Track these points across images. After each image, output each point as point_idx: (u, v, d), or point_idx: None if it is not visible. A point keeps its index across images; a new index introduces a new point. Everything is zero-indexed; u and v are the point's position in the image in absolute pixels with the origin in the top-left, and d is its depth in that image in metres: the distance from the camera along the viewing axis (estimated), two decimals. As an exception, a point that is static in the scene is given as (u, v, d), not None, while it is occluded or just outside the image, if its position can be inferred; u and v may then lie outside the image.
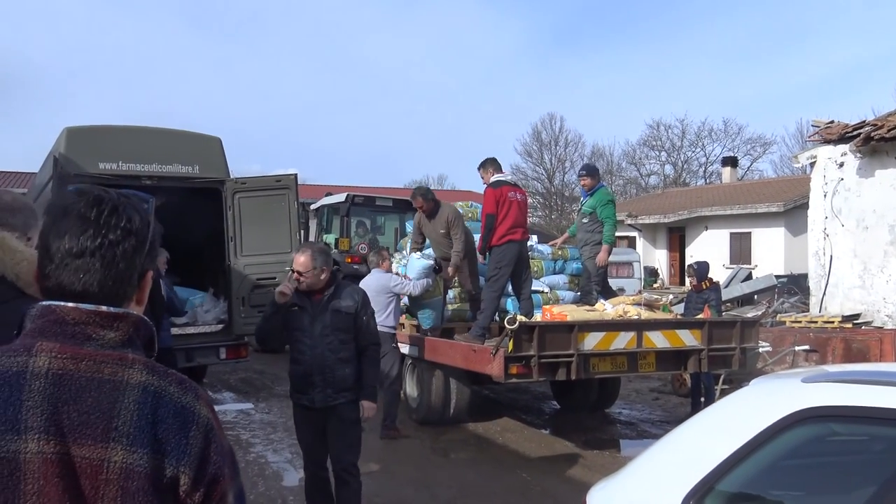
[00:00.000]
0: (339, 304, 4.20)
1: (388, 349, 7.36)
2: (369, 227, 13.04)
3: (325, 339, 4.15)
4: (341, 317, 4.18)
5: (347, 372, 4.21)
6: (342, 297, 4.22)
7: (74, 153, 8.11)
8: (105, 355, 1.18)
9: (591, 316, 6.77)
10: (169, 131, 8.98)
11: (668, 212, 27.71)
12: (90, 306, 1.20)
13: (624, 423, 8.46)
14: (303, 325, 4.18)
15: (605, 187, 8.34)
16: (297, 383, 4.28)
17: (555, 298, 8.38)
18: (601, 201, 7.94)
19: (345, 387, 4.20)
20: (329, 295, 4.19)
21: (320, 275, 4.15)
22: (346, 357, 4.21)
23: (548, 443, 7.39)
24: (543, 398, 9.66)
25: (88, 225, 1.21)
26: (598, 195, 8.02)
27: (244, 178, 9.01)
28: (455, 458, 6.86)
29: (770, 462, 2.03)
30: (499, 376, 6.29)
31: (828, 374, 2.20)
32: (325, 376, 4.15)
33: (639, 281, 22.48)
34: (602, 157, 49.14)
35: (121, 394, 1.15)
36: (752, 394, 2.21)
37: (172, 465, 1.16)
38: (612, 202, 8.03)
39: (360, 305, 4.27)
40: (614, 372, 6.79)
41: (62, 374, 1.14)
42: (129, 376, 1.17)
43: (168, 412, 1.18)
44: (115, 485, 1.12)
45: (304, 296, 4.18)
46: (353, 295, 4.29)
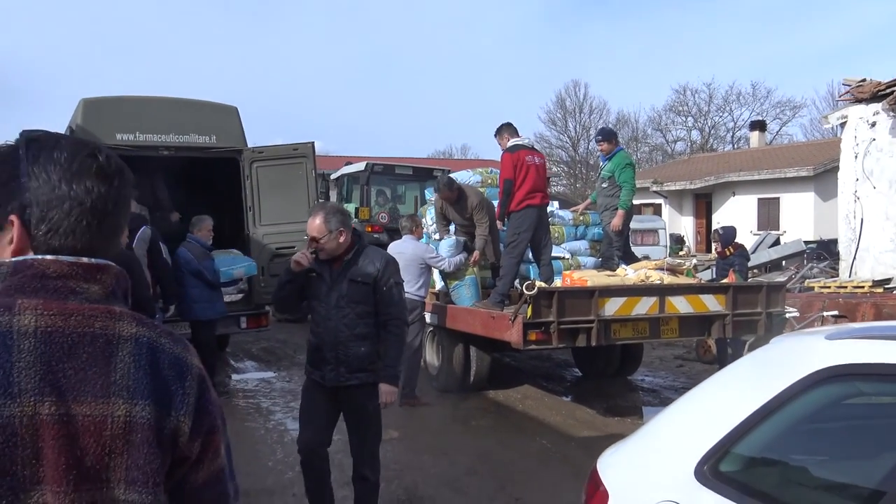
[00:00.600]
0: (358, 271, 3.72)
1: (416, 318, 7.32)
2: (389, 195, 12.97)
3: (340, 311, 3.70)
4: (359, 287, 3.71)
5: (363, 350, 3.74)
6: (362, 264, 3.74)
7: (91, 124, 8.09)
8: (93, 309, 1.13)
9: (612, 281, 6.64)
10: (186, 101, 8.91)
11: (695, 178, 27.25)
12: (71, 258, 1.14)
13: (647, 391, 8.35)
14: (319, 293, 3.77)
15: (624, 151, 8.15)
16: (311, 357, 3.89)
17: (576, 264, 8.25)
18: (619, 165, 7.78)
19: (360, 367, 3.74)
20: (348, 261, 3.74)
21: (338, 238, 3.67)
22: (363, 333, 3.74)
23: (569, 410, 7.31)
24: (565, 365, 9.57)
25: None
26: (617, 159, 7.85)
27: (261, 147, 8.94)
28: (475, 425, 6.82)
29: (791, 424, 1.92)
30: (518, 343, 6.21)
31: (853, 331, 2.08)
32: (338, 353, 3.72)
33: (664, 248, 22.20)
34: (627, 124, 48.56)
35: (115, 347, 1.12)
36: (773, 352, 2.10)
37: (173, 415, 1.14)
38: (630, 165, 7.85)
39: (383, 272, 3.74)
40: (636, 338, 6.67)
41: (52, 332, 1.08)
42: (120, 329, 1.13)
43: (164, 363, 1.16)
44: (121, 439, 1.09)
45: (323, 263, 3.75)
46: (374, 261, 3.77)
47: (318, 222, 3.64)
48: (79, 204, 1.14)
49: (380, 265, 3.77)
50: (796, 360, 1.91)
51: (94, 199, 1.15)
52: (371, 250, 3.86)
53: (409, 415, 7.06)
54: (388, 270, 3.79)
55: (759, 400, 1.89)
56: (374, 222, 11.71)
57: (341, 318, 3.71)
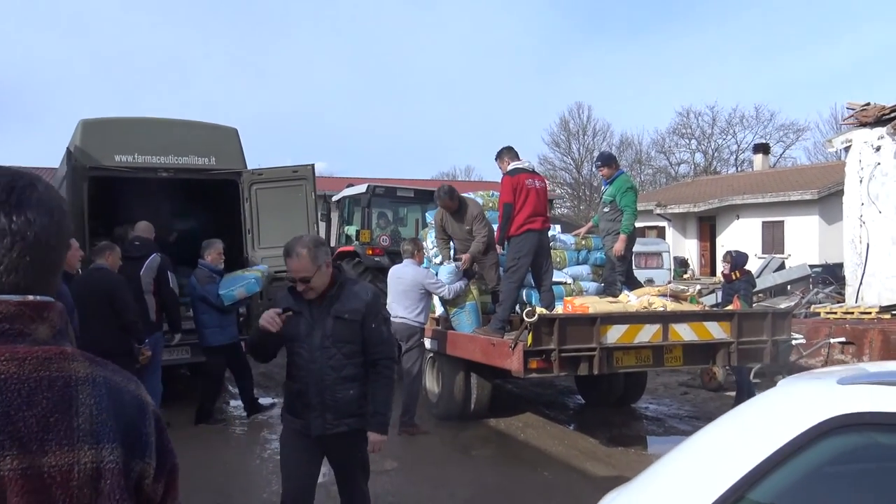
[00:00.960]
0: (343, 307, 3.37)
1: (415, 344, 7.21)
2: (391, 218, 12.87)
3: (325, 352, 3.34)
4: (345, 324, 3.38)
5: (352, 394, 3.40)
6: (346, 300, 3.40)
7: (90, 146, 8.06)
8: (45, 351, 1.05)
9: (615, 308, 6.52)
10: (185, 122, 8.88)
11: (699, 200, 27.16)
12: (17, 297, 1.06)
13: (651, 419, 8.19)
14: (299, 333, 3.38)
15: (625, 174, 8.07)
16: (291, 404, 3.48)
17: (578, 290, 8.13)
18: (620, 189, 7.69)
19: (349, 411, 3.40)
20: (331, 296, 3.39)
21: (326, 271, 3.38)
22: (351, 374, 3.40)
23: (571, 439, 7.15)
24: (568, 392, 9.42)
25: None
26: (618, 183, 7.77)
27: (261, 170, 8.89)
28: (475, 455, 6.67)
29: (805, 472, 1.79)
30: (518, 371, 6.08)
31: (867, 375, 1.95)
32: (325, 398, 3.35)
33: (668, 271, 22.08)
34: (631, 147, 48.67)
35: (74, 390, 1.05)
36: (782, 395, 1.98)
37: (139, 456, 1.10)
38: (631, 189, 7.76)
39: (369, 308, 3.42)
40: (639, 366, 6.53)
41: (6, 379, 1.00)
42: (76, 370, 1.07)
43: (123, 403, 1.10)
44: (89, 487, 1.03)
45: (301, 298, 3.38)
46: (360, 295, 3.45)
47: (306, 259, 3.28)
48: (21, 238, 1.06)
49: (366, 298, 3.45)
50: (808, 405, 1.79)
51: (36, 231, 1.06)
52: (354, 283, 3.59)
53: (407, 443, 6.92)
54: (376, 305, 3.51)
55: (773, 446, 1.77)
56: (375, 245, 11.57)
57: (327, 360, 3.35)
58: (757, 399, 2.11)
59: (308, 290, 3.32)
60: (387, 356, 3.52)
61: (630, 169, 47.85)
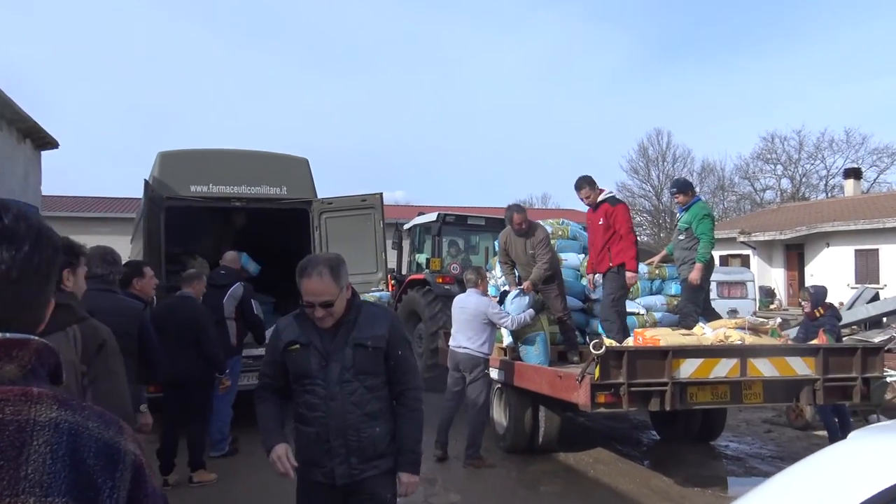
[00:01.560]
0: (363, 334, 2.91)
1: (480, 375, 7.07)
2: (462, 246, 12.82)
3: (345, 386, 2.87)
4: (367, 353, 2.92)
5: (378, 431, 2.93)
6: (366, 325, 2.94)
7: (167, 176, 8.32)
8: (4, 391, 0.97)
9: (688, 341, 6.21)
10: (258, 153, 9.08)
11: (785, 228, 26.09)
12: None
13: (730, 458, 7.75)
14: (310, 368, 2.90)
15: (702, 201, 7.77)
16: (308, 451, 2.95)
17: (651, 321, 7.84)
18: (697, 216, 7.40)
19: (376, 452, 2.93)
20: (348, 322, 2.92)
21: (347, 295, 2.93)
22: (376, 410, 2.94)
23: (644, 477, 6.83)
24: (642, 427, 9.05)
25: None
26: (694, 210, 7.47)
27: (330, 199, 8.98)
28: (542, 491, 6.43)
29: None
30: (585, 406, 5.85)
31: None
32: (348, 440, 2.88)
33: (753, 302, 21.22)
34: (713, 173, 47.41)
35: (28, 436, 0.96)
36: (851, 452, 1.76)
37: None
38: (708, 216, 7.45)
39: (392, 333, 2.99)
40: (715, 403, 6.18)
41: None
42: (36, 414, 0.97)
43: (88, 451, 0.99)
44: None
45: (310, 327, 2.92)
46: (380, 319, 3.01)
47: (329, 280, 2.81)
48: None
49: (389, 323, 3.01)
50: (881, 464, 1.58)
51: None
52: (372, 306, 3.16)
53: (472, 476, 6.76)
54: (399, 329, 3.07)
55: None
56: (445, 273, 11.53)
57: (348, 396, 2.88)
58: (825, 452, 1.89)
59: (328, 316, 2.84)
60: (414, 386, 3.08)
61: (712, 196, 46.58)
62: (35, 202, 13.19)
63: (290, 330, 2.97)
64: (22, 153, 12.35)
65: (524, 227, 7.44)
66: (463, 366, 7.09)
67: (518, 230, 7.47)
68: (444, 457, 7.18)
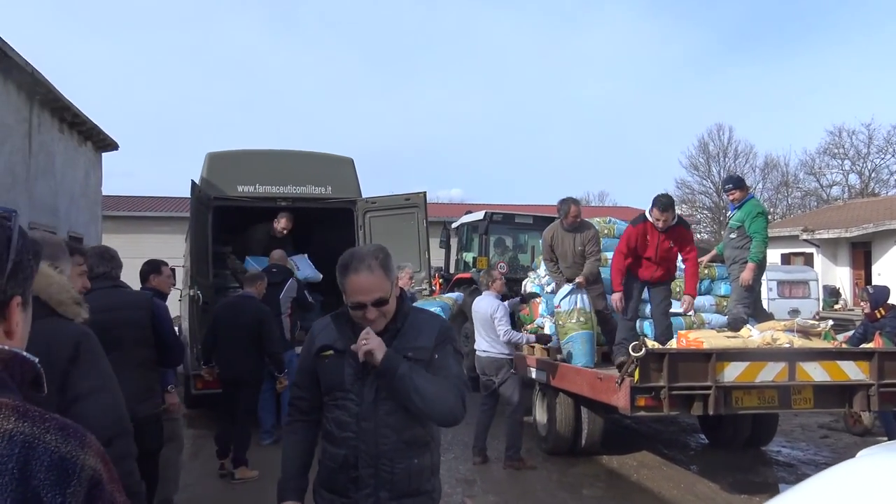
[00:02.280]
0: (408, 343, 2.42)
1: (507, 376, 7.01)
2: (510, 245, 12.74)
3: (382, 405, 2.37)
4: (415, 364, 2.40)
5: (417, 464, 2.42)
6: (412, 333, 2.45)
7: (215, 177, 8.49)
8: None
9: (733, 343, 6.02)
10: (304, 153, 9.19)
11: (851, 225, 25.08)
12: None
13: (782, 465, 7.49)
14: (343, 380, 2.39)
15: (755, 199, 7.52)
16: (329, 477, 2.45)
17: (699, 322, 7.62)
18: (750, 214, 7.16)
19: (411, 489, 2.40)
20: (393, 329, 2.43)
21: (397, 292, 2.49)
22: (416, 438, 2.42)
23: (689, 483, 6.65)
24: (690, 431, 8.83)
25: None
26: (747, 207, 7.24)
27: (374, 198, 9.03)
28: (584, 494, 6.33)
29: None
30: (625, 409, 5.73)
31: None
32: (380, 470, 2.37)
33: (816, 301, 20.51)
34: (776, 169, 45.95)
35: None
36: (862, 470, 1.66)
37: None
38: (762, 214, 7.21)
39: (439, 340, 2.47)
40: (762, 408, 5.97)
41: None
42: None
43: (41, 465, 0.96)
44: None
45: (348, 332, 2.43)
46: (428, 328, 2.49)
47: (381, 274, 2.35)
48: None
49: (435, 331, 2.49)
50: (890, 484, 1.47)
51: None
52: (420, 313, 2.63)
53: (512, 478, 6.70)
54: (448, 339, 2.51)
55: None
56: (492, 272, 11.48)
57: (384, 417, 2.37)
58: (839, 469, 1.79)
59: (381, 317, 2.38)
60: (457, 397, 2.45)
61: (776, 192, 45.22)
62: (95, 202, 13.64)
63: (325, 333, 2.51)
64: (83, 155, 12.78)
65: (578, 221, 7.42)
66: (488, 369, 7.05)
67: (572, 224, 7.44)
68: (484, 461, 7.12)
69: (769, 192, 45.24)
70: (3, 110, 8.97)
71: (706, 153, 46.79)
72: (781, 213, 43.09)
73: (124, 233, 20.79)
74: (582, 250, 7.38)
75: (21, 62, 8.82)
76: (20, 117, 9.57)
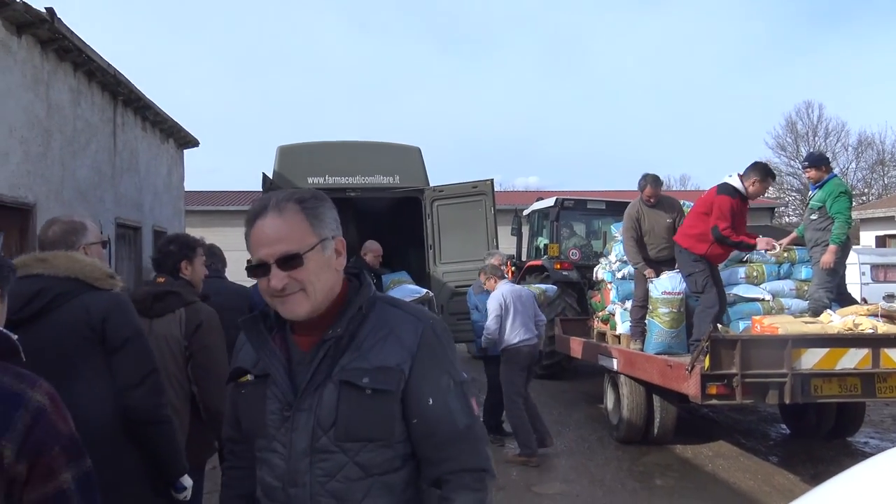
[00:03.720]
0: (359, 360, 1.53)
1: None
2: (583, 231, 12.53)
3: (319, 461, 1.52)
4: (363, 401, 1.51)
5: None
6: (371, 342, 1.55)
7: (286, 169, 8.69)
8: None
9: (810, 329, 5.75)
10: (371, 144, 9.30)
11: (954, 204, 23.63)
12: None
13: (868, 456, 7.09)
14: (264, 420, 1.58)
15: (837, 178, 7.12)
16: None
17: (779, 307, 7.30)
18: (832, 194, 6.79)
19: None
20: (337, 335, 1.54)
21: (337, 265, 1.60)
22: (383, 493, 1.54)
23: (766, 474, 6.41)
24: (771, 421, 8.50)
25: None
26: (828, 187, 6.87)
27: (442, 186, 9.04)
28: (654, 485, 6.18)
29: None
30: (696, 397, 5.57)
31: None
32: None
33: (916, 286, 19.42)
34: (871, 147, 43.59)
35: None
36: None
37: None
38: (844, 194, 6.82)
39: (419, 360, 1.55)
40: (844, 396, 5.69)
41: None
42: None
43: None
44: None
45: (265, 340, 1.60)
46: (401, 334, 1.56)
47: (293, 221, 1.52)
48: None
49: (413, 340, 1.55)
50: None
51: None
52: (389, 308, 1.62)
53: (580, 467, 6.62)
54: (435, 354, 1.57)
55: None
56: (564, 259, 11.34)
57: (322, 481, 1.52)
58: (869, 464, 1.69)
59: (295, 293, 1.51)
60: (472, 467, 1.56)
61: (871, 171, 42.96)
62: (178, 197, 14.16)
63: (244, 349, 1.68)
64: (165, 152, 13.28)
65: (655, 198, 7.24)
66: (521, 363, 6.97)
67: (648, 202, 7.25)
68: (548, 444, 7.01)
69: (863, 172, 43.05)
70: (89, 110, 9.41)
71: (794, 132, 44.90)
72: (877, 193, 40.93)
73: (210, 226, 21.56)
74: (671, 224, 7.19)
75: (104, 64, 9.22)
76: (105, 117, 10.02)
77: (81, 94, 9.12)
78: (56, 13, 7.63)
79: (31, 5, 7.19)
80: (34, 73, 7.77)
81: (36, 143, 7.75)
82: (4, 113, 7.09)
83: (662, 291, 6.88)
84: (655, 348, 6.84)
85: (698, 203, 6.81)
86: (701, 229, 6.61)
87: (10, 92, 7.20)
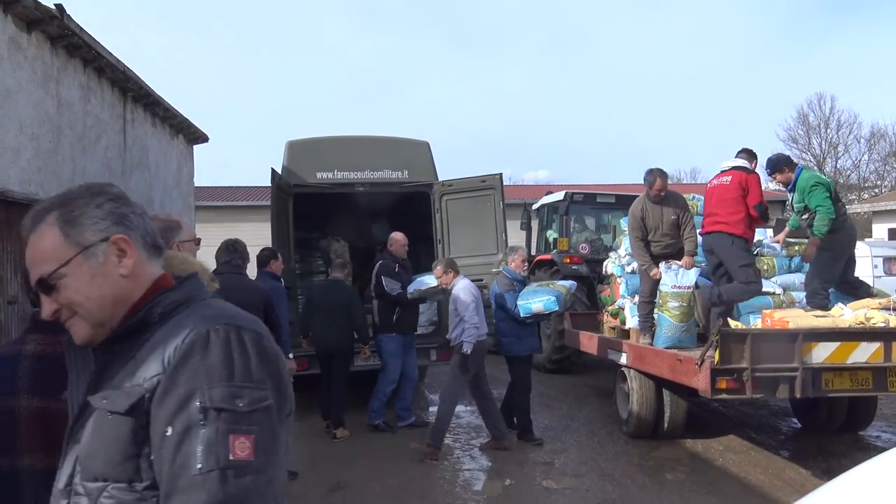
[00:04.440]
0: (119, 379, 1.25)
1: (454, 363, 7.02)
2: (593, 225, 12.49)
3: (73, 502, 1.25)
4: (104, 426, 1.22)
5: None
6: (145, 355, 1.24)
7: (295, 164, 8.69)
8: None
9: (821, 323, 5.72)
10: (380, 139, 9.27)
11: (968, 197, 23.41)
12: None
13: (880, 450, 7.02)
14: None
15: (805, 170, 6.93)
16: None
17: (789, 301, 7.26)
18: (805, 189, 6.67)
19: None
20: (124, 350, 1.29)
21: (120, 270, 1.33)
22: None
23: (777, 469, 6.38)
24: (782, 415, 8.46)
25: None
26: (800, 184, 6.73)
27: (450, 181, 9.02)
28: (663, 479, 6.16)
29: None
30: (705, 391, 5.55)
31: None
32: None
33: (927, 279, 19.24)
34: (884, 138, 43.29)
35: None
36: None
37: None
38: (818, 185, 6.63)
39: (171, 379, 1.17)
40: (855, 390, 5.65)
41: None
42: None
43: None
44: None
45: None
46: (173, 339, 1.22)
47: (50, 236, 1.32)
48: None
49: (172, 350, 1.21)
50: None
51: None
52: (187, 316, 1.30)
53: (590, 461, 6.63)
54: (195, 368, 1.18)
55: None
56: (573, 253, 11.31)
57: None
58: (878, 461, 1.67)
59: (70, 317, 1.31)
60: None
61: (883, 163, 42.63)
62: (188, 192, 14.19)
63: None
64: (175, 147, 13.30)
65: (663, 194, 7.13)
66: None
67: (656, 196, 7.12)
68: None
69: (876, 164, 42.78)
70: (99, 106, 9.44)
71: (806, 124, 44.58)
72: (890, 185, 40.62)
73: (221, 222, 21.59)
74: (675, 220, 7.12)
75: (113, 60, 9.24)
76: (115, 113, 10.04)
77: (91, 90, 9.15)
78: (65, 10, 7.64)
79: (40, 2, 7.21)
80: (44, 70, 7.79)
81: (46, 140, 7.78)
82: (15, 109, 7.12)
83: (672, 286, 6.83)
84: (665, 342, 6.80)
85: (724, 189, 6.68)
86: (745, 213, 6.56)
87: (20, 88, 7.22)
